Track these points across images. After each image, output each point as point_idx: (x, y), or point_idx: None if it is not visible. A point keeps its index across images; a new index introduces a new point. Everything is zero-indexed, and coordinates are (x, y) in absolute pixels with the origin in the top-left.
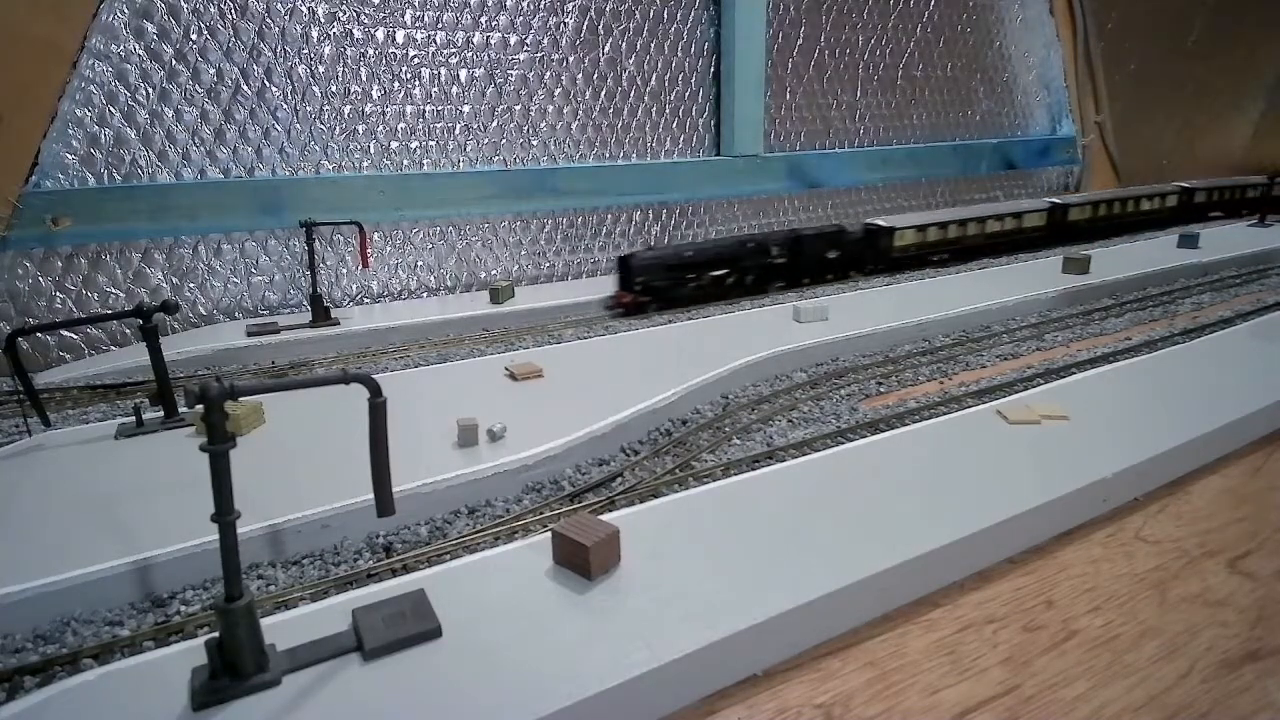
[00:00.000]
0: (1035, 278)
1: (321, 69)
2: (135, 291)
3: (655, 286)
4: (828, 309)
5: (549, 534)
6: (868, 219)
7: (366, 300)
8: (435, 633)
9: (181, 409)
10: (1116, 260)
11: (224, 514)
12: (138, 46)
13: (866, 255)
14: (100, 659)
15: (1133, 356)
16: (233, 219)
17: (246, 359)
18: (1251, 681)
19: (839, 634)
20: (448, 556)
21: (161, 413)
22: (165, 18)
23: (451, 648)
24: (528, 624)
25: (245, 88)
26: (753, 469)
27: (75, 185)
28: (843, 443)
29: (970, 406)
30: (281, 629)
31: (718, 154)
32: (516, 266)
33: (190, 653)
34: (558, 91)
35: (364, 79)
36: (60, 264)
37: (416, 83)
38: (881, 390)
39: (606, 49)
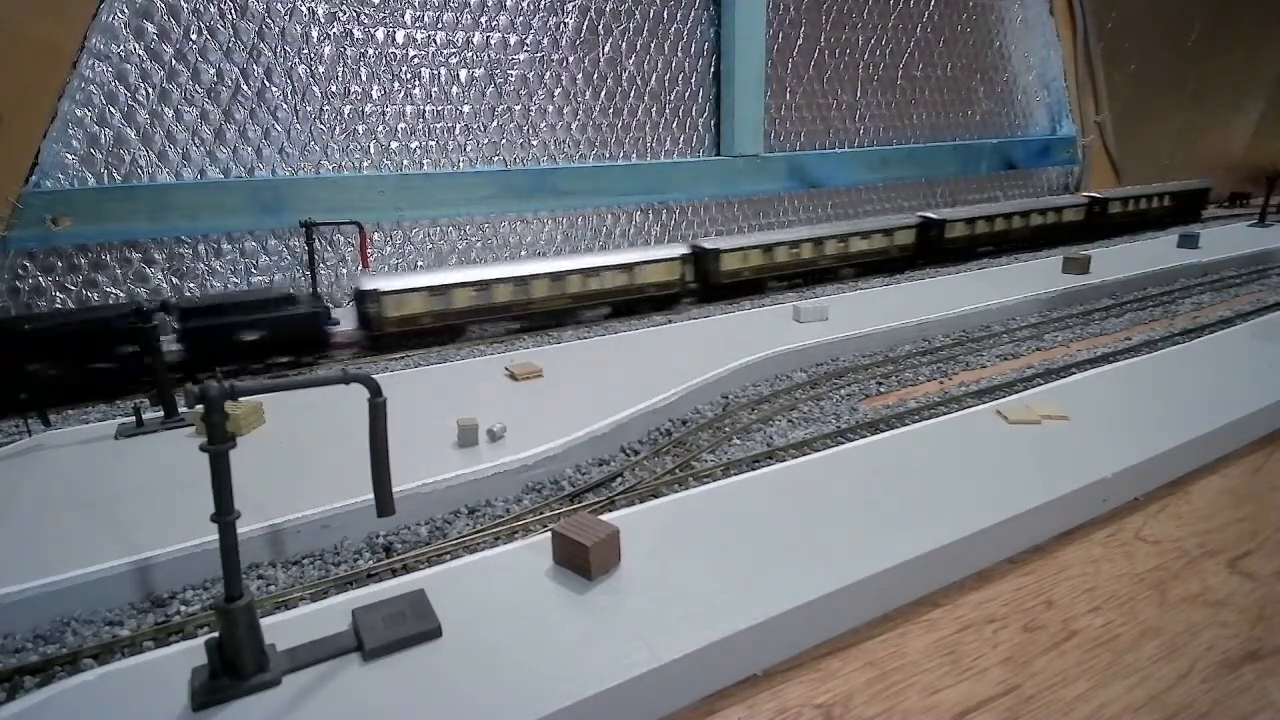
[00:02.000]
0: (1035, 278)
1: (321, 69)
2: (135, 291)
3: None
4: (828, 309)
5: (549, 534)
6: (361, 281)
7: None
8: (435, 633)
9: (181, 409)
10: (1116, 260)
11: (224, 514)
12: (138, 46)
13: (323, 333)
14: (100, 659)
15: (1133, 356)
16: (233, 219)
17: None
18: (1251, 681)
19: (839, 634)
20: (448, 556)
21: (161, 413)
22: (165, 18)
23: (451, 648)
24: (528, 624)
25: (245, 88)
26: (753, 469)
27: (75, 185)
28: (843, 443)
29: (970, 406)
30: (281, 629)
31: (718, 154)
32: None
33: (190, 653)
34: (558, 91)
35: (364, 79)
36: (61, 264)
37: (416, 83)
38: (881, 390)
39: (606, 49)
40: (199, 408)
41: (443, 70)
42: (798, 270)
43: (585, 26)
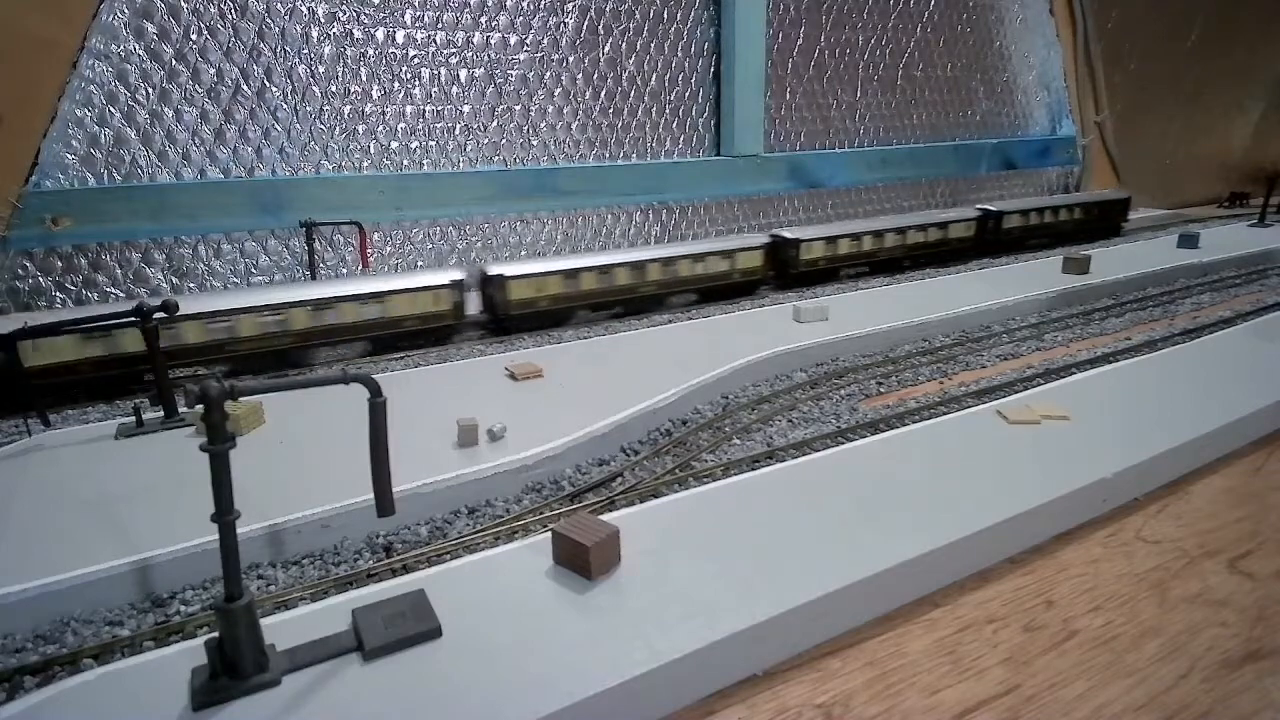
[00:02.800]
0: (1035, 278)
1: (321, 69)
2: (135, 291)
3: None
4: (828, 309)
5: (549, 534)
6: None
7: None
8: (435, 633)
9: (181, 409)
10: (1116, 260)
11: (224, 514)
12: (138, 46)
13: None
14: (100, 659)
15: (1133, 356)
16: (233, 219)
17: None
18: (1251, 681)
19: (839, 634)
20: (448, 556)
21: (161, 413)
22: (165, 18)
23: (451, 648)
24: (528, 624)
25: (245, 88)
26: (753, 469)
27: (75, 185)
28: (843, 443)
29: (970, 406)
30: (281, 629)
31: (718, 154)
32: None
33: (190, 653)
34: (558, 91)
35: (364, 79)
36: (60, 264)
37: (416, 83)
38: (881, 390)
39: (606, 49)
40: (199, 408)
41: (443, 70)
42: (613, 299)
43: (585, 26)
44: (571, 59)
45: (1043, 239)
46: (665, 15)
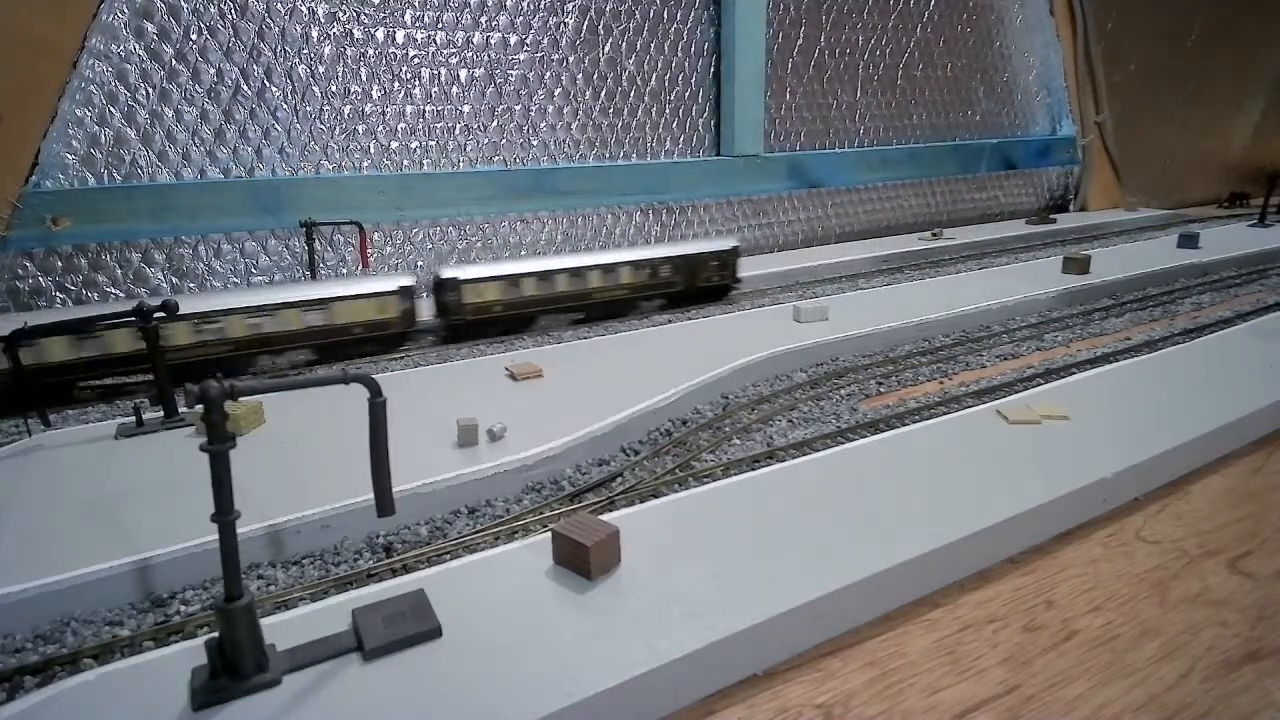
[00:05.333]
0: (1035, 278)
1: (321, 69)
2: (135, 291)
3: None
4: (828, 309)
5: (549, 534)
6: None
7: None
8: (435, 633)
9: (181, 409)
10: (1116, 260)
11: (224, 514)
12: (138, 46)
13: None
14: (100, 659)
15: (1133, 356)
16: (233, 219)
17: None
18: (1251, 681)
19: (839, 634)
20: (448, 556)
21: (161, 413)
22: (165, 18)
23: (451, 648)
24: (528, 624)
25: (245, 88)
26: (753, 469)
27: (75, 185)
28: (843, 443)
29: (970, 406)
30: (281, 629)
31: (718, 154)
32: None
33: (190, 653)
34: (558, 91)
35: (364, 79)
36: (60, 264)
37: (416, 83)
38: (881, 390)
39: (606, 49)
40: (199, 408)
41: (443, 70)
42: None
43: (585, 26)
44: (571, 59)
45: (572, 310)
46: (665, 15)
